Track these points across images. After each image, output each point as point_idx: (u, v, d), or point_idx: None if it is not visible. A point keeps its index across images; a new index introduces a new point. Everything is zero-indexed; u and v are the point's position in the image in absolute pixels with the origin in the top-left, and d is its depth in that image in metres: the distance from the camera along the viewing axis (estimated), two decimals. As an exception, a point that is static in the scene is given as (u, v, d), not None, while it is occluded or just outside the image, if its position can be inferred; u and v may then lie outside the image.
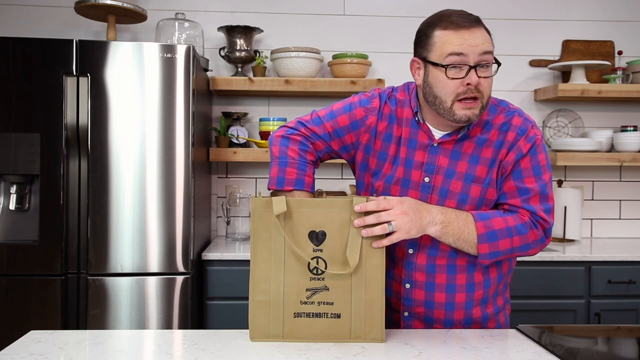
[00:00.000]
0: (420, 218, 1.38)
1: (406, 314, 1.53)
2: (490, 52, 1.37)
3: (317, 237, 1.36)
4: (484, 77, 1.37)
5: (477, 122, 1.46)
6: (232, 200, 3.18)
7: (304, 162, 1.52)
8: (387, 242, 1.35)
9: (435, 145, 1.47)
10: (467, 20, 1.36)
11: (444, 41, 1.36)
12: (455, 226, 1.42)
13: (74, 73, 2.45)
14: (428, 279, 1.49)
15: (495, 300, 1.56)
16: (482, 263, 1.46)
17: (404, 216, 1.35)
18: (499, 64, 1.39)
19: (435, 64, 1.38)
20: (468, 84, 1.36)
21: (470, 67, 1.35)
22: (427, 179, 1.47)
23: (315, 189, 1.55)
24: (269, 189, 1.54)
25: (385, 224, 1.34)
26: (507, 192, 1.47)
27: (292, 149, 1.53)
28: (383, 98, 1.54)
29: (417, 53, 1.46)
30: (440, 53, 1.37)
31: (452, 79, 1.37)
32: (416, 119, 1.50)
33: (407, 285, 1.51)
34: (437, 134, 1.48)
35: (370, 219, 1.34)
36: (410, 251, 1.49)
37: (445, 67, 1.37)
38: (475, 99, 1.38)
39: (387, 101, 1.54)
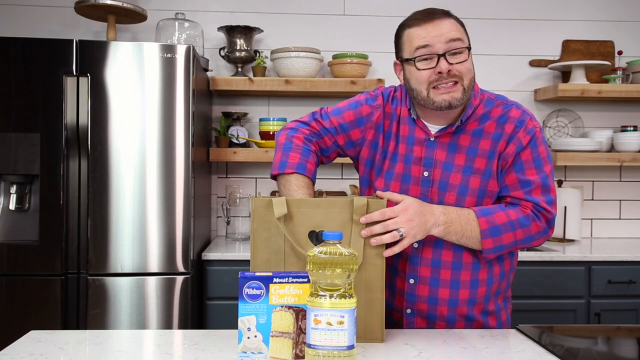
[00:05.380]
0: (424, 222, 1.39)
1: (409, 311, 1.53)
2: (459, 39, 1.42)
3: (317, 237, 1.36)
4: (458, 63, 1.41)
5: (473, 116, 1.50)
6: (232, 200, 3.18)
7: (307, 150, 1.55)
8: (398, 248, 1.37)
9: (432, 139, 1.51)
10: (431, 15, 1.43)
11: (412, 37, 1.44)
12: (458, 225, 1.43)
13: (74, 73, 2.45)
14: (433, 274, 1.50)
15: (496, 297, 1.57)
16: (487, 257, 1.47)
17: (410, 222, 1.36)
18: (469, 49, 1.43)
19: (407, 60, 1.46)
20: (440, 72, 1.41)
21: (440, 56, 1.41)
22: (426, 174, 1.50)
23: (316, 189, 1.55)
24: (272, 177, 1.55)
25: (395, 232, 1.34)
26: (509, 185, 1.48)
27: (298, 137, 1.57)
28: (386, 97, 1.60)
29: (396, 55, 1.54)
30: (410, 49, 1.45)
31: (423, 69, 1.43)
32: (412, 116, 1.54)
33: (411, 281, 1.52)
34: (433, 128, 1.52)
35: (377, 228, 1.34)
36: (416, 245, 1.50)
37: (414, 59, 1.43)
38: (455, 82, 1.42)
39: (389, 100, 1.59)
